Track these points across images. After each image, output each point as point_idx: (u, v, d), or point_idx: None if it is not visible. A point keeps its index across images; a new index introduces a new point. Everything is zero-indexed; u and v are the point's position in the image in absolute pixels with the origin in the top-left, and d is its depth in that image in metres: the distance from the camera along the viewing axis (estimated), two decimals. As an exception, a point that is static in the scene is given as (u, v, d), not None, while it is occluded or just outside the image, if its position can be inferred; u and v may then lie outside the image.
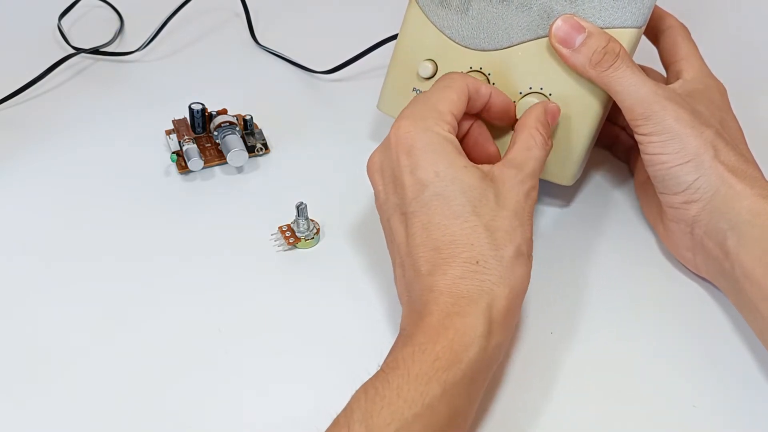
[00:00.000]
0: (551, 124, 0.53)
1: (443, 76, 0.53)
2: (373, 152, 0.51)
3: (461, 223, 0.47)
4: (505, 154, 0.51)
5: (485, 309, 0.45)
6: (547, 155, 0.52)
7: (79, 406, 0.48)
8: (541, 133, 0.51)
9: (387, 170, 0.50)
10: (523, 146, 0.51)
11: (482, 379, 0.45)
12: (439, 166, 0.48)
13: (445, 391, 0.42)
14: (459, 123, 0.51)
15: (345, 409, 0.42)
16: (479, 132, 0.54)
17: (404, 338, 0.45)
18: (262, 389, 0.49)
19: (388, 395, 0.41)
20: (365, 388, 0.42)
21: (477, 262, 0.46)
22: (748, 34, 0.79)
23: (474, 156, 0.54)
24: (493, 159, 0.55)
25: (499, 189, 0.48)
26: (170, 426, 0.47)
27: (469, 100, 0.52)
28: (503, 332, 0.46)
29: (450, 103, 0.50)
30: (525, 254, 0.48)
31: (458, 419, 0.43)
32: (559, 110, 0.54)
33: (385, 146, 0.50)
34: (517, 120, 0.53)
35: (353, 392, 0.42)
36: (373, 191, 0.51)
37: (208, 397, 0.48)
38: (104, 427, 0.47)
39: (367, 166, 0.51)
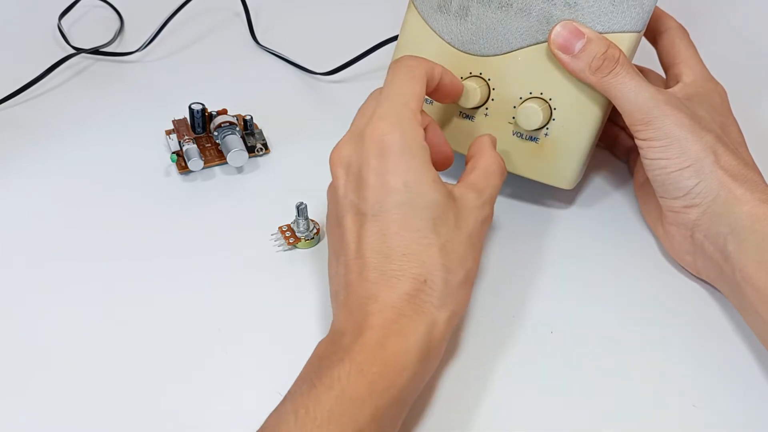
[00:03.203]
0: None
1: (401, 60, 0.51)
2: (340, 144, 0.50)
3: (419, 238, 0.46)
4: (465, 175, 0.51)
5: (425, 332, 0.44)
6: (502, 183, 0.52)
7: (79, 407, 0.48)
8: (500, 160, 0.52)
9: (353, 166, 0.48)
10: (485, 172, 0.51)
11: (409, 404, 0.45)
12: (409, 176, 0.47)
13: (375, 417, 0.41)
14: None
15: (273, 428, 0.41)
16: (434, 133, 0.53)
17: (341, 351, 0.43)
18: (262, 390, 0.49)
19: (319, 417, 0.40)
20: (295, 408, 0.41)
21: (425, 281, 0.45)
22: (748, 34, 0.79)
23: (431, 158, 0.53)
24: (449, 161, 0.54)
25: (459, 211, 0.48)
26: (170, 426, 0.47)
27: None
28: (437, 357, 0.46)
29: (418, 98, 0.49)
30: (470, 281, 0.48)
31: None
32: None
33: (357, 141, 0.49)
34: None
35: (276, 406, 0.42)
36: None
37: (208, 398, 0.48)
38: (104, 427, 0.47)
39: (332, 158, 0.50)
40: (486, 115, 0.57)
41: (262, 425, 0.42)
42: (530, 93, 0.55)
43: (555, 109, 0.55)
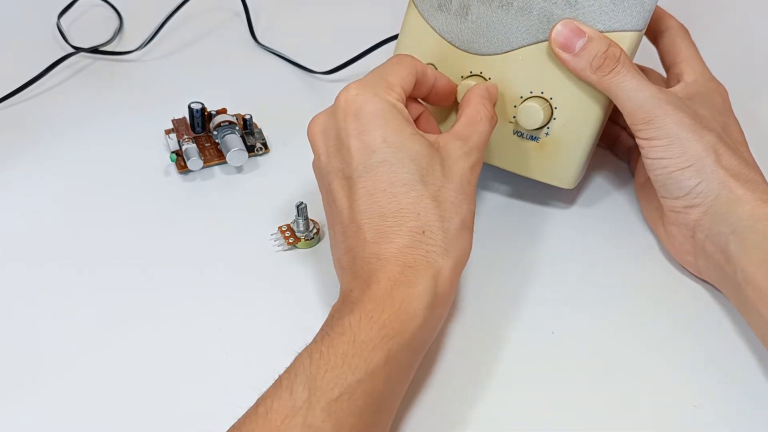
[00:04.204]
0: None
1: (397, 55, 0.53)
2: (317, 115, 0.51)
3: (408, 191, 0.47)
4: (451, 127, 0.51)
5: (431, 281, 0.45)
6: (492, 129, 0.52)
7: (79, 407, 0.48)
8: (486, 108, 0.52)
9: (331, 132, 0.49)
10: (469, 120, 0.51)
11: (422, 350, 0.46)
12: (387, 131, 0.48)
13: (388, 359, 0.42)
14: (408, 109, 0.51)
15: (288, 371, 0.42)
16: (427, 122, 0.54)
17: (350, 304, 0.44)
18: (263, 389, 0.48)
19: (333, 359, 0.41)
20: (310, 351, 0.42)
21: (423, 232, 0.46)
22: (748, 35, 0.79)
23: None
24: None
25: (445, 160, 0.49)
26: (170, 426, 0.47)
27: (417, 82, 0.52)
28: (445, 305, 0.47)
29: (400, 78, 0.50)
30: (469, 227, 0.48)
31: (397, 387, 0.44)
32: (497, 91, 0.55)
33: (332, 110, 0.50)
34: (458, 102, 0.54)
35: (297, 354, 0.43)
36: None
37: (208, 398, 0.48)
38: (104, 427, 0.47)
39: (309, 128, 0.51)
40: (486, 114, 0.57)
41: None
42: (531, 92, 0.55)
43: (556, 108, 0.55)
